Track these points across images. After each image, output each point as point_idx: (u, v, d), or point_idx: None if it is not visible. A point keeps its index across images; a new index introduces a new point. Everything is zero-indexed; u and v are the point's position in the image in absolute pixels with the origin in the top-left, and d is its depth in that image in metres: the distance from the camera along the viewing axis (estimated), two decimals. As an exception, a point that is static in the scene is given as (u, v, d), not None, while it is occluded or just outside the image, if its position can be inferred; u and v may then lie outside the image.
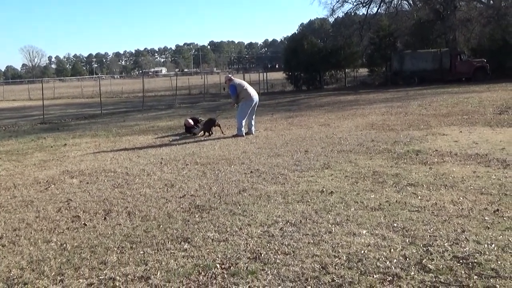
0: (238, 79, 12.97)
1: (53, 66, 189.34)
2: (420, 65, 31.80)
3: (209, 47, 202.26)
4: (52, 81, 74.87)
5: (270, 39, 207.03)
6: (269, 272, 3.84)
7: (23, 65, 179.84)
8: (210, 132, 12.51)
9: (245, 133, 11.99)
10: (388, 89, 28.31)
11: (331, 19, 50.22)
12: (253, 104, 12.21)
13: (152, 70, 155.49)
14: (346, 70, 37.39)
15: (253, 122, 12.34)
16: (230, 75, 13.20)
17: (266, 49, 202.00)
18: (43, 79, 32.59)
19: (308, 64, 34.82)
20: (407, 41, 36.32)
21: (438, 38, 34.75)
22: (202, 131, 12.61)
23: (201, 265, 4.03)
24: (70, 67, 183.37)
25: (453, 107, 15.73)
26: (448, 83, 28.92)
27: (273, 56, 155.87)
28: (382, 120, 13.46)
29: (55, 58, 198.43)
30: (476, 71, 29.99)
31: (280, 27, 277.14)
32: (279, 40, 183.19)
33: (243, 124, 12.04)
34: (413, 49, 33.63)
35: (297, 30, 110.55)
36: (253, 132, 12.17)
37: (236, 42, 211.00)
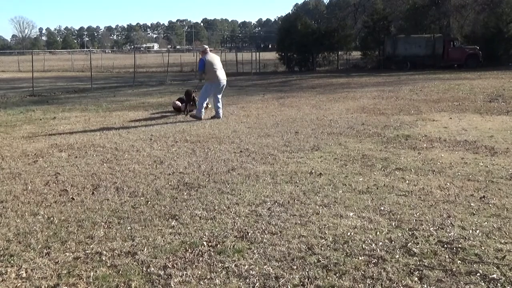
0: (213, 56, 11.59)
1: (44, 38, 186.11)
2: (413, 50, 31.79)
3: (202, 24, 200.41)
4: (42, 53, 73.61)
5: (264, 19, 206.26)
6: (255, 251, 3.86)
7: (13, 36, 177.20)
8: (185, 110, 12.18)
9: (212, 117, 11.35)
10: (380, 73, 28.33)
11: (326, 1, 50.06)
12: (219, 87, 11.32)
13: (144, 45, 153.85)
14: (339, 52, 37.26)
15: (220, 105, 11.42)
16: (207, 47, 12.03)
17: (259, 28, 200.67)
18: (33, 51, 32.08)
19: (301, 45, 34.67)
20: (401, 25, 36.24)
21: (432, 24, 34.68)
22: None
23: (188, 242, 4.05)
24: (61, 39, 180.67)
25: (444, 93, 15.78)
26: (440, 69, 29.02)
27: (266, 36, 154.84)
28: (373, 104, 13.48)
29: (45, 30, 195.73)
30: (468, 58, 30.10)
31: (274, 6, 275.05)
32: (273, 20, 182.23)
33: (204, 105, 11.35)
34: (406, 34, 33.55)
35: (291, 10, 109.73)
36: (221, 116, 11.32)
37: (229, 20, 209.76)
